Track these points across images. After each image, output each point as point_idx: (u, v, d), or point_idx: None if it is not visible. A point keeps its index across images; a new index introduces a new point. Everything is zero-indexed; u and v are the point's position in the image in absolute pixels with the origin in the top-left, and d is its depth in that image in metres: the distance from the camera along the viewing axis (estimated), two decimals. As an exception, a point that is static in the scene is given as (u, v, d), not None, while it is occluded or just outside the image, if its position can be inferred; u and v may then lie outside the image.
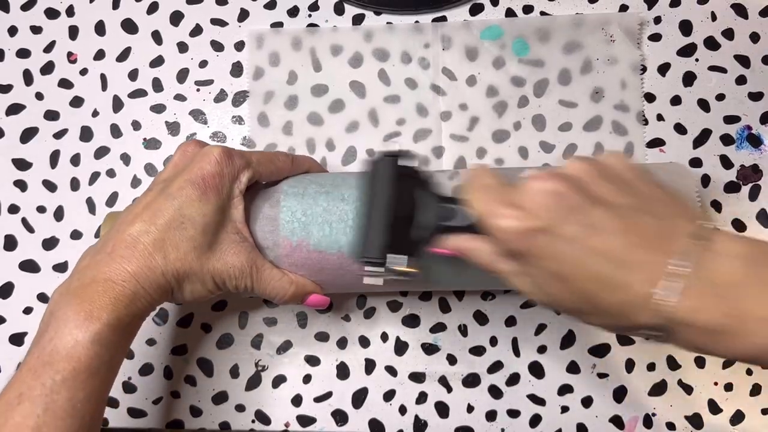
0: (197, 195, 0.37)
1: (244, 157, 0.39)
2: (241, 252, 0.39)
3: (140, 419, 0.48)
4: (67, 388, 0.33)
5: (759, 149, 0.49)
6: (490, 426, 0.47)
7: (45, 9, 0.53)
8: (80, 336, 0.33)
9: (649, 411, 0.46)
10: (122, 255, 0.36)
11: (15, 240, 0.50)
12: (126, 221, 0.37)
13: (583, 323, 0.34)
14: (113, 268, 0.35)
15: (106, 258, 0.36)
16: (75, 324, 0.33)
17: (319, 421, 0.47)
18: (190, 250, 0.37)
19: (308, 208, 0.41)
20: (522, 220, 0.31)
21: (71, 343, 0.33)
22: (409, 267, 0.36)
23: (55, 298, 0.35)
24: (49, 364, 0.33)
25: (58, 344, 0.33)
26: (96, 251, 0.37)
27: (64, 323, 0.33)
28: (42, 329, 0.35)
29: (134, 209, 0.38)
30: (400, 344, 0.48)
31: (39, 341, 0.34)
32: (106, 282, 0.35)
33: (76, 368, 0.33)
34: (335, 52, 0.51)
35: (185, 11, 0.52)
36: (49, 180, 0.51)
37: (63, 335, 0.33)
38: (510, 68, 0.50)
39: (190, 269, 0.37)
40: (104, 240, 0.37)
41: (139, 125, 0.51)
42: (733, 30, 0.50)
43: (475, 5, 0.51)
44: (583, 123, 0.49)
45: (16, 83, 0.52)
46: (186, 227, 0.37)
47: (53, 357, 0.33)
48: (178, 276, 0.37)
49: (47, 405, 0.32)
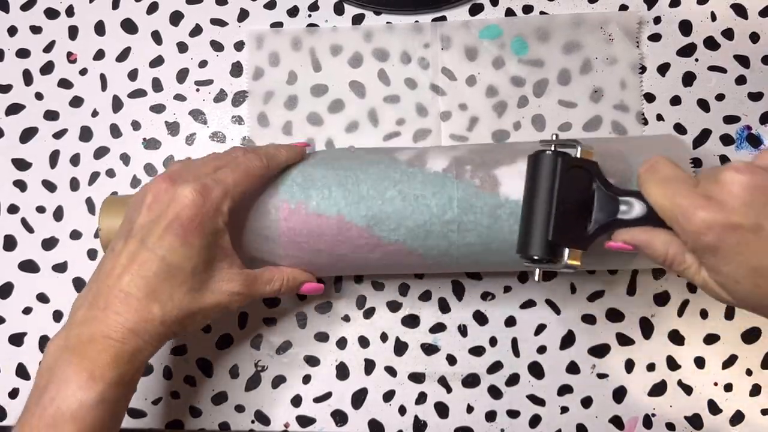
0: (179, 242, 0.36)
1: (221, 184, 0.38)
2: (234, 277, 0.39)
3: (140, 419, 0.48)
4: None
5: (759, 149, 0.48)
6: (490, 426, 0.47)
7: (45, 9, 0.53)
8: (84, 397, 0.33)
9: (649, 411, 0.46)
10: (116, 311, 0.35)
11: (14, 240, 0.50)
12: (114, 274, 0.36)
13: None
14: (110, 325, 0.35)
15: (100, 315, 0.35)
16: (78, 385, 0.33)
17: (319, 421, 0.47)
18: (185, 294, 0.36)
19: (307, 174, 0.41)
20: (721, 214, 0.30)
21: (75, 404, 0.33)
22: (573, 260, 0.36)
23: (52, 352, 0.35)
24: (53, 427, 0.32)
25: (61, 405, 0.33)
26: (89, 304, 0.36)
27: (65, 384, 0.33)
28: (41, 385, 0.34)
29: (120, 260, 0.36)
30: (399, 344, 0.48)
31: (39, 400, 0.33)
32: (105, 340, 0.34)
33: (81, 430, 0.33)
34: (335, 52, 0.51)
35: (185, 11, 0.52)
36: (49, 180, 0.51)
37: (66, 396, 0.33)
38: (510, 68, 0.50)
39: (189, 311, 0.37)
40: (95, 293, 0.36)
41: (138, 125, 0.51)
42: (733, 30, 0.50)
43: (475, 5, 0.51)
44: (583, 123, 0.49)
45: (16, 83, 0.52)
46: (175, 275, 0.36)
47: (57, 419, 0.32)
48: (179, 321, 0.37)
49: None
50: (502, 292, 0.48)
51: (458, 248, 0.41)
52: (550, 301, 0.47)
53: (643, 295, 0.47)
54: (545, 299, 0.47)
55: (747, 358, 0.46)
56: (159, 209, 0.37)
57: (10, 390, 0.48)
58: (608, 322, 0.47)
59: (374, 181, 0.41)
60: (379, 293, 0.48)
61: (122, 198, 0.43)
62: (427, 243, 0.40)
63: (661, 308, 0.47)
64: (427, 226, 0.40)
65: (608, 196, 0.36)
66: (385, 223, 0.40)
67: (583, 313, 0.47)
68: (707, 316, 0.47)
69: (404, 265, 0.42)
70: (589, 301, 0.47)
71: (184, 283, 0.36)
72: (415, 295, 0.48)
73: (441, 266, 0.43)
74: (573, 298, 0.47)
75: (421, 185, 0.40)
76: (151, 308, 0.35)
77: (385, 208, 0.40)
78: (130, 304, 0.35)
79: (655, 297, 0.47)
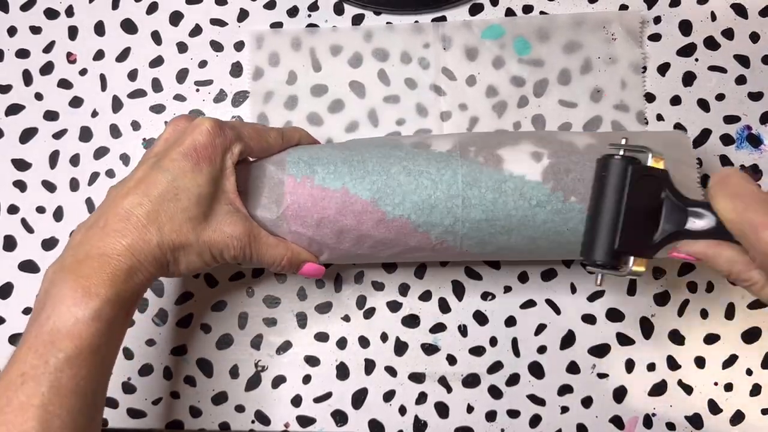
0: (190, 166, 0.37)
1: (236, 129, 0.39)
2: (236, 222, 0.39)
3: (140, 420, 0.48)
4: (71, 366, 0.32)
5: (759, 149, 0.48)
6: (490, 426, 0.47)
7: (44, 9, 0.53)
8: (80, 313, 0.33)
9: (649, 411, 0.46)
10: (116, 229, 0.35)
11: (14, 240, 0.50)
12: (119, 195, 0.37)
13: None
14: (107, 242, 0.35)
15: (99, 233, 0.35)
16: (73, 301, 0.33)
17: (319, 421, 0.47)
18: (185, 221, 0.37)
19: (314, 153, 0.42)
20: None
21: (71, 321, 0.33)
22: (638, 266, 0.36)
23: (48, 275, 0.35)
24: (50, 343, 0.32)
25: (57, 322, 0.33)
26: (88, 226, 0.36)
27: (61, 301, 0.33)
28: (38, 307, 0.34)
29: (127, 183, 0.37)
30: (399, 344, 0.48)
31: (36, 319, 0.34)
32: (102, 257, 0.34)
33: (78, 346, 0.33)
34: (335, 52, 0.51)
35: (185, 11, 0.52)
36: (49, 180, 0.51)
37: (61, 313, 0.33)
38: (510, 68, 0.50)
39: (186, 240, 0.37)
40: (97, 215, 0.37)
41: (138, 125, 0.51)
42: (733, 30, 0.50)
43: (475, 5, 0.51)
44: (583, 123, 0.49)
45: (16, 83, 0.52)
46: (180, 198, 0.37)
47: (54, 336, 0.33)
48: (174, 248, 0.37)
49: (51, 383, 0.32)
50: (502, 292, 0.48)
51: (463, 224, 0.40)
52: (550, 301, 0.47)
53: (643, 295, 0.47)
54: (545, 299, 0.47)
55: (747, 357, 0.46)
56: (175, 137, 0.39)
57: (10, 390, 0.48)
58: (608, 322, 0.47)
59: (379, 159, 0.41)
60: (379, 293, 0.48)
61: None
62: (431, 219, 0.40)
63: (661, 308, 0.47)
64: (431, 200, 0.40)
65: (677, 206, 0.36)
66: (389, 197, 0.40)
67: (583, 313, 0.47)
68: (707, 316, 0.47)
69: (409, 247, 0.42)
70: (589, 301, 0.47)
71: (187, 210, 0.37)
72: (415, 295, 0.48)
73: (446, 249, 0.42)
74: (573, 298, 0.47)
75: (426, 162, 0.41)
76: (150, 228, 0.36)
77: (390, 183, 0.40)
78: (130, 222, 0.36)
79: (655, 297, 0.47)
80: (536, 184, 0.40)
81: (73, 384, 0.33)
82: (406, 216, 0.40)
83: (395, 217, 0.40)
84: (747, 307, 0.47)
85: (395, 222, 0.40)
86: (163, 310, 0.49)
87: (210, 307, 0.49)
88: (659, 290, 0.47)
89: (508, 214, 0.40)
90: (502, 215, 0.40)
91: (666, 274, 0.47)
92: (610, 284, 0.47)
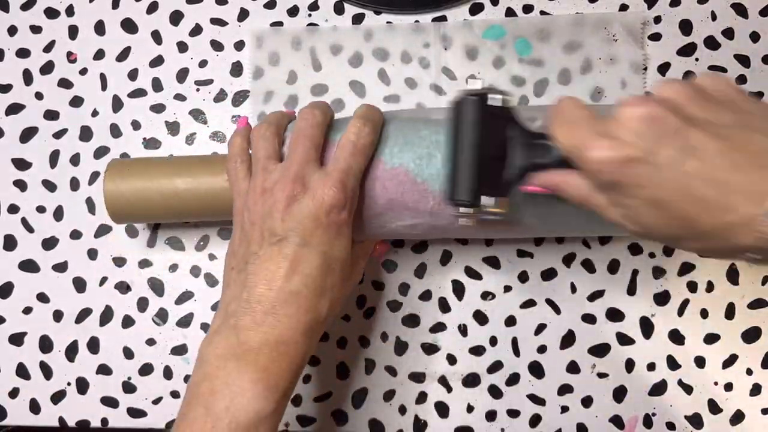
0: (335, 235, 0.36)
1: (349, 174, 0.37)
2: (361, 253, 0.42)
3: (140, 419, 0.48)
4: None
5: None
6: (490, 426, 0.47)
7: (45, 9, 0.53)
8: (260, 408, 0.33)
9: (649, 411, 0.46)
10: (287, 313, 0.35)
11: (15, 240, 0.50)
12: (278, 277, 0.35)
13: (681, 250, 0.32)
14: (282, 330, 0.34)
15: (270, 319, 0.34)
16: (253, 394, 0.33)
17: (319, 421, 0.47)
18: (342, 284, 0.38)
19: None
20: (615, 149, 0.29)
21: (252, 414, 0.33)
22: (499, 207, 0.36)
23: (212, 361, 0.34)
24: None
25: (238, 416, 0.33)
26: (251, 310, 0.35)
27: (240, 393, 0.33)
28: (203, 393, 0.33)
29: (278, 264, 0.35)
30: (400, 344, 0.48)
31: (210, 410, 0.33)
32: (279, 346, 0.34)
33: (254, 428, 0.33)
34: (335, 51, 0.51)
35: (185, 11, 0.52)
36: (49, 180, 0.51)
37: (242, 406, 0.33)
38: (510, 68, 0.50)
39: (342, 298, 0.39)
40: (257, 298, 0.35)
41: (138, 125, 0.51)
42: (733, 30, 0.50)
43: (475, 5, 0.51)
44: (583, 123, 0.49)
45: (16, 83, 0.52)
46: (334, 268, 0.37)
47: (234, 427, 0.32)
48: (334, 312, 0.38)
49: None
50: (502, 291, 0.48)
51: None
52: (550, 300, 0.47)
53: (643, 295, 0.47)
54: (545, 299, 0.48)
55: (747, 357, 0.46)
56: (301, 211, 0.36)
57: (10, 390, 0.48)
58: (608, 322, 0.47)
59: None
60: (379, 293, 0.48)
61: (128, 161, 0.45)
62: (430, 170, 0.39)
63: (661, 308, 0.47)
64: (430, 149, 0.39)
65: (524, 142, 0.36)
66: (387, 145, 0.40)
67: (583, 313, 0.47)
68: (707, 316, 0.47)
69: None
70: (589, 301, 0.47)
71: (342, 272, 0.37)
72: (415, 295, 0.48)
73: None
74: (573, 298, 0.47)
75: (424, 124, 0.40)
76: (319, 304, 0.36)
77: (387, 131, 0.40)
78: (301, 304, 0.35)
79: (655, 297, 0.47)
80: None
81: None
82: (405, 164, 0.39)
83: (394, 166, 0.39)
84: (747, 307, 0.47)
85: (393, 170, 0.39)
86: (163, 310, 0.49)
87: (210, 307, 0.49)
88: (659, 290, 0.47)
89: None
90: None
91: (666, 274, 0.47)
92: (610, 284, 0.47)
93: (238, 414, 0.32)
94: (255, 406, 0.33)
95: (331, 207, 0.36)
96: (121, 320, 0.49)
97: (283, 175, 0.37)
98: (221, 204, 0.42)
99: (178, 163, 0.44)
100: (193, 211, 0.44)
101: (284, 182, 0.37)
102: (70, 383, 0.48)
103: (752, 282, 0.47)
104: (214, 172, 0.43)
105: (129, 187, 0.43)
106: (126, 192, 0.43)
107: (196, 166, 0.43)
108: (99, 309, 0.49)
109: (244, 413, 0.33)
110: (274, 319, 0.34)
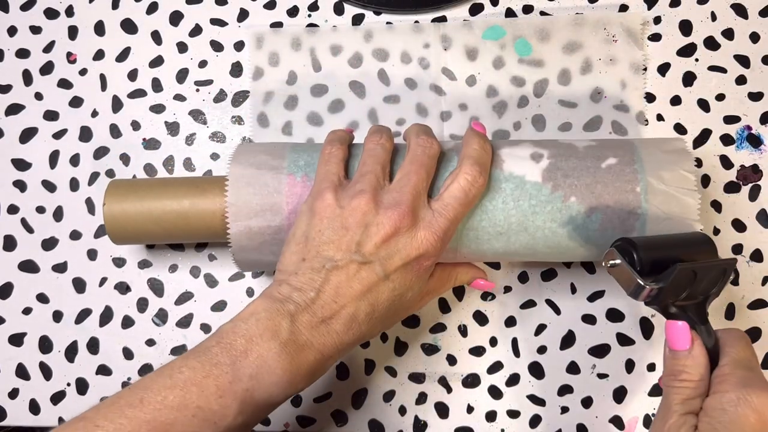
0: (415, 278, 0.37)
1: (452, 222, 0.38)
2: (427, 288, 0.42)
3: (140, 420, 0.48)
4: (236, 427, 0.34)
5: (759, 149, 0.49)
6: (490, 426, 0.47)
7: (44, 9, 0.53)
8: (276, 395, 0.34)
9: (649, 411, 0.46)
10: (337, 331, 0.35)
11: (14, 240, 0.50)
12: (348, 295, 0.36)
13: None
14: (326, 343, 0.35)
15: (323, 328, 0.35)
16: (276, 380, 0.33)
17: (319, 421, 0.47)
18: (392, 318, 0.39)
19: None
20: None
21: (266, 396, 0.34)
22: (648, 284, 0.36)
23: (260, 325, 0.34)
24: (242, 402, 0.33)
25: (257, 389, 0.33)
26: (312, 305, 0.35)
27: (269, 372, 0.33)
28: (237, 347, 0.34)
29: (353, 283, 0.36)
30: (399, 344, 0.48)
31: (236, 364, 0.33)
32: (317, 353, 0.35)
33: (258, 417, 0.34)
34: (335, 52, 0.51)
35: (185, 11, 0.52)
36: (49, 180, 0.51)
37: (263, 383, 0.33)
38: (510, 68, 0.50)
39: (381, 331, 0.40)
40: (322, 303, 0.35)
41: (138, 125, 0.51)
42: (733, 30, 0.50)
43: (475, 5, 0.51)
44: (583, 123, 0.49)
45: (16, 83, 0.52)
46: (398, 308, 0.38)
47: (246, 398, 0.33)
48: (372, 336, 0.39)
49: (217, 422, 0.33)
50: (502, 292, 0.48)
51: (462, 224, 0.40)
52: (550, 301, 0.47)
53: (643, 295, 0.47)
54: (545, 299, 0.48)
55: (747, 358, 0.46)
56: (397, 245, 0.36)
57: (10, 390, 0.48)
58: (608, 322, 0.47)
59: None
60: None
61: (127, 181, 0.44)
62: None
63: (662, 308, 0.47)
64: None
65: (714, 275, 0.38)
66: None
67: (583, 313, 0.47)
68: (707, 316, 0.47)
69: None
70: (589, 301, 0.47)
71: (400, 311, 0.39)
72: (415, 295, 0.48)
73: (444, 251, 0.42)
74: (573, 298, 0.47)
75: None
76: (367, 333, 0.37)
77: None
78: (352, 327, 0.36)
79: (655, 297, 0.47)
80: (535, 184, 0.40)
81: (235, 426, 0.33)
82: None
83: None
84: (747, 307, 0.47)
85: None
86: (163, 310, 0.49)
87: (210, 307, 0.49)
88: (659, 290, 0.47)
89: (507, 215, 0.40)
90: (502, 216, 0.40)
91: (666, 275, 0.47)
92: (610, 284, 0.47)
93: (258, 389, 0.33)
94: (272, 392, 0.34)
95: (426, 254, 0.37)
96: (120, 321, 0.49)
97: (397, 203, 0.37)
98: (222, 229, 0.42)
99: (178, 184, 0.43)
100: (192, 235, 0.43)
101: (398, 213, 0.36)
102: (70, 384, 0.48)
103: (752, 282, 0.47)
104: (214, 196, 0.42)
105: (129, 215, 0.42)
106: (126, 221, 0.42)
107: (195, 186, 0.43)
108: (99, 309, 0.49)
109: (261, 389, 0.33)
110: (326, 330, 0.35)
